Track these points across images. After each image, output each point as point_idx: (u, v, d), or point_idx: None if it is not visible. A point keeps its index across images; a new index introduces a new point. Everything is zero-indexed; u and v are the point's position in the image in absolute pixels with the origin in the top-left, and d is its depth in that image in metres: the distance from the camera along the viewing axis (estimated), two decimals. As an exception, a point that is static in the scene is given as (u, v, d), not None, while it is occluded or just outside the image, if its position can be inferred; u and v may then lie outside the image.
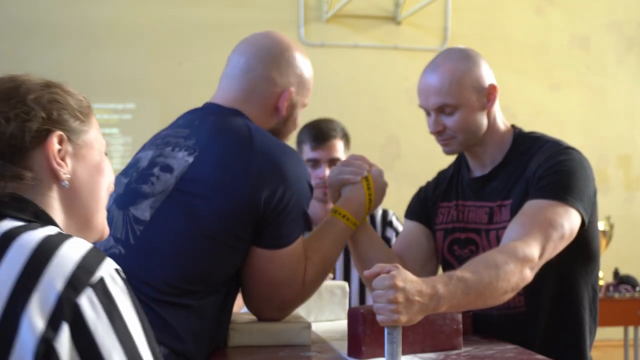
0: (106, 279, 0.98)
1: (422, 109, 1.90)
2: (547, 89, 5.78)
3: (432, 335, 1.61)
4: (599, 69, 5.86)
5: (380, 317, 1.41)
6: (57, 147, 1.09)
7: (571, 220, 1.71)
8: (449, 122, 1.85)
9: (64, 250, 0.98)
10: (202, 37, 5.38)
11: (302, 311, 1.98)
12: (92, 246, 1.02)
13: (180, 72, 5.33)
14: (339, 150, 2.69)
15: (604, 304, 3.84)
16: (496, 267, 1.56)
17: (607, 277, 4.11)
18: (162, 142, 1.73)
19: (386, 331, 1.41)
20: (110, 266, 1.00)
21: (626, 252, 5.29)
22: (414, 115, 5.84)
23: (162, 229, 1.58)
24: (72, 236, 1.02)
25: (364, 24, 5.56)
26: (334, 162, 2.65)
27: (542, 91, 5.76)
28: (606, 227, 4.00)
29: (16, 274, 0.95)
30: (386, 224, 2.81)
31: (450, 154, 1.92)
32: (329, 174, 1.91)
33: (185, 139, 1.69)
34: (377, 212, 2.78)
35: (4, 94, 1.09)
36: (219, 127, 1.68)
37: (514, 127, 1.94)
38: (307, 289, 1.75)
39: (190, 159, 1.63)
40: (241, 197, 1.58)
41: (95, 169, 1.16)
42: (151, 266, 1.57)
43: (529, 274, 1.62)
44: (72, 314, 0.94)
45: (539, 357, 1.57)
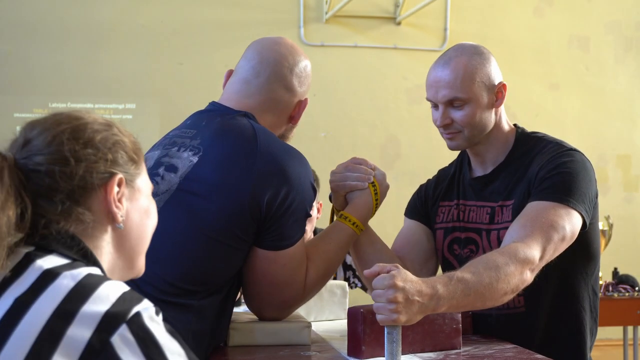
0: (143, 313, 0.97)
1: (429, 101, 1.89)
2: (546, 89, 5.79)
3: (431, 334, 1.61)
4: (598, 69, 5.87)
5: (379, 317, 1.41)
6: (116, 189, 1.10)
7: (572, 222, 1.71)
8: (457, 115, 1.84)
9: (99, 292, 0.97)
10: (202, 37, 5.39)
11: (302, 311, 1.98)
12: (129, 288, 1.01)
13: (180, 72, 5.34)
14: None
15: (603, 303, 3.83)
16: (496, 269, 1.56)
17: (606, 277, 4.12)
18: (169, 142, 1.74)
19: (386, 331, 1.41)
20: (147, 304, 0.99)
21: (625, 251, 5.30)
22: (414, 115, 5.85)
23: (164, 229, 1.58)
24: (108, 279, 1.02)
25: (363, 24, 5.57)
26: None
27: (541, 91, 5.77)
28: (605, 226, 4.00)
29: (49, 314, 0.94)
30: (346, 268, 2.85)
31: (454, 149, 1.92)
32: (332, 179, 1.89)
33: (191, 139, 1.69)
34: None
35: (73, 132, 1.08)
36: (224, 127, 1.69)
37: (517, 126, 1.95)
38: (308, 291, 1.75)
39: (194, 159, 1.64)
40: (243, 197, 1.59)
41: (145, 212, 1.17)
42: (153, 265, 1.57)
43: (529, 276, 1.62)
44: (104, 354, 0.92)
45: (539, 356, 1.58)
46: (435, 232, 1.98)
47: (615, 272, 4.14)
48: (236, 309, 1.86)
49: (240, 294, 1.88)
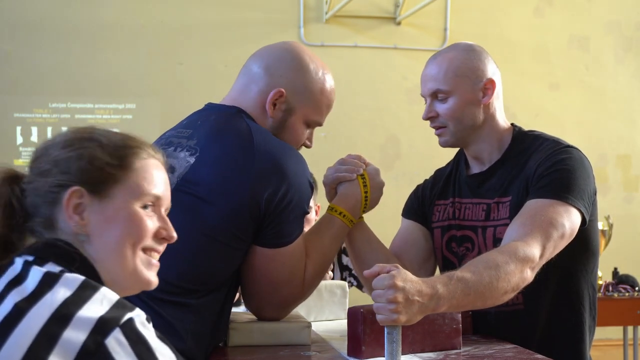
0: (135, 319, 1.00)
1: (422, 97, 1.92)
2: (546, 89, 5.79)
3: (431, 334, 1.61)
4: (598, 69, 5.87)
5: (379, 317, 1.41)
6: (76, 201, 1.12)
7: (572, 219, 1.72)
8: (441, 108, 1.86)
9: (94, 299, 1.00)
10: (202, 37, 5.39)
11: (302, 311, 1.98)
12: (120, 298, 1.03)
13: (180, 72, 5.34)
14: None
15: (603, 303, 3.84)
16: (496, 267, 1.56)
17: (606, 277, 4.12)
18: (166, 142, 1.74)
19: (386, 331, 1.41)
20: (139, 312, 1.02)
21: (625, 251, 5.30)
22: (414, 115, 5.85)
23: None
24: (102, 287, 1.04)
25: (363, 24, 5.57)
26: None
27: (541, 91, 5.77)
28: (605, 226, 4.00)
29: (46, 318, 0.96)
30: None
31: (444, 145, 1.93)
32: (325, 173, 1.91)
33: (187, 139, 1.69)
34: None
35: (44, 148, 1.16)
36: (219, 126, 1.69)
37: (514, 125, 1.95)
38: (307, 287, 1.75)
39: (191, 160, 1.64)
40: (242, 197, 1.59)
41: (116, 223, 1.16)
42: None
43: (530, 274, 1.63)
44: (98, 355, 0.95)
45: (539, 356, 1.58)
46: (433, 232, 1.98)
47: (615, 272, 4.14)
48: (235, 309, 1.86)
49: (239, 294, 1.88)
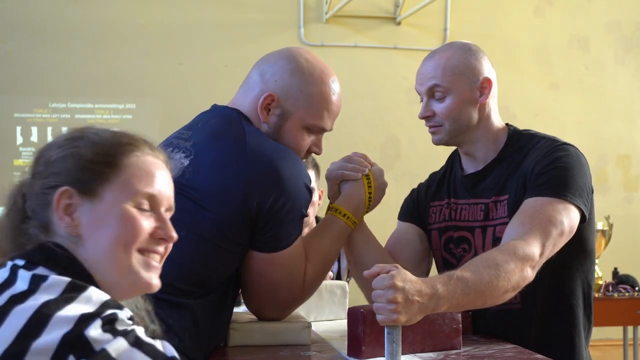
0: (119, 314, 0.98)
1: (418, 95, 1.92)
2: (546, 89, 5.79)
3: (431, 334, 1.61)
4: (598, 69, 5.87)
5: (379, 317, 1.41)
6: (66, 202, 1.11)
7: (570, 216, 1.72)
8: (438, 108, 1.85)
9: (76, 301, 0.98)
10: (202, 37, 5.39)
11: (302, 311, 1.98)
12: (110, 298, 1.01)
13: (180, 72, 5.34)
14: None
15: (603, 303, 3.84)
16: (496, 267, 1.56)
17: (606, 277, 4.12)
18: (167, 143, 1.74)
19: (386, 331, 1.42)
20: (126, 311, 1.00)
21: (625, 251, 5.30)
22: (414, 115, 5.83)
23: None
24: (89, 288, 1.02)
25: (363, 24, 5.57)
26: None
27: (541, 91, 5.77)
28: (605, 226, 4.00)
29: (24, 322, 0.95)
30: None
31: (437, 143, 1.92)
32: (329, 168, 1.90)
33: (185, 141, 1.69)
34: None
35: (41, 151, 1.17)
36: (217, 130, 1.68)
37: (509, 125, 1.95)
38: (307, 289, 1.75)
39: (185, 162, 1.63)
40: (234, 202, 1.58)
41: (108, 223, 1.15)
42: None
43: (530, 273, 1.63)
44: (78, 345, 0.93)
45: (539, 356, 1.58)
46: (430, 233, 1.98)
47: (615, 272, 4.14)
48: (236, 309, 1.86)
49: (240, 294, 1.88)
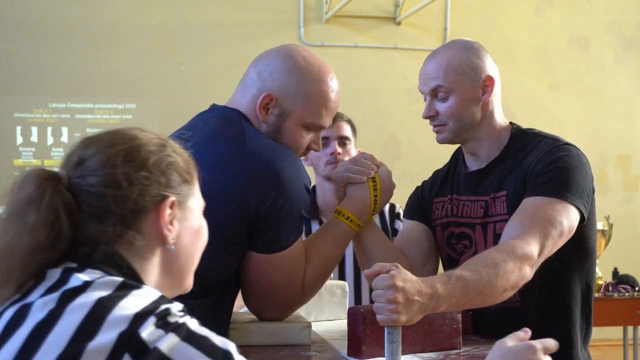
0: (172, 309, 0.96)
1: (421, 94, 1.92)
2: (546, 89, 5.79)
3: (431, 334, 1.61)
4: (598, 69, 5.87)
5: (380, 317, 1.41)
6: (168, 212, 1.08)
7: (570, 216, 1.72)
8: (441, 107, 1.85)
9: (128, 299, 0.96)
10: (202, 37, 5.39)
11: (302, 311, 1.98)
12: (162, 294, 1.00)
13: (180, 72, 5.34)
14: (347, 130, 2.81)
15: (603, 303, 3.84)
16: (495, 266, 1.56)
17: (606, 277, 4.12)
18: None
19: (386, 331, 1.42)
20: (179, 305, 0.98)
21: (625, 251, 5.30)
22: (414, 115, 5.85)
23: None
24: (142, 285, 1.01)
25: (363, 24, 5.57)
26: (342, 141, 2.79)
27: (541, 91, 5.77)
28: (605, 226, 4.00)
29: (79, 321, 0.93)
30: (394, 216, 2.86)
31: (442, 142, 1.92)
32: (336, 169, 1.89)
33: (185, 141, 1.69)
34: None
35: (127, 154, 1.06)
36: (215, 130, 1.67)
37: (512, 124, 1.95)
38: (307, 291, 1.74)
39: None
40: (232, 203, 1.57)
41: (195, 233, 1.15)
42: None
43: (529, 272, 1.63)
44: (133, 343, 0.91)
45: (538, 356, 1.58)
46: (435, 230, 1.98)
47: (615, 272, 4.14)
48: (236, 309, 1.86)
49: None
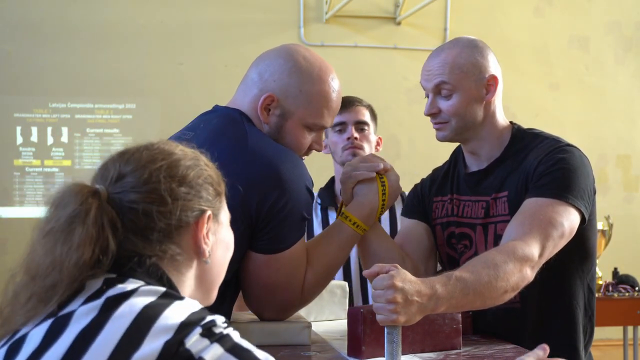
0: (217, 320, 0.97)
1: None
2: (546, 89, 5.79)
3: (431, 334, 1.61)
4: (598, 69, 5.87)
5: (379, 317, 1.41)
6: (206, 226, 1.09)
7: (571, 218, 1.72)
8: (444, 105, 1.85)
9: (172, 307, 0.97)
10: (202, 37, 5.39)
11: (302, 311, 1.98)
12: (203, 307, 1.01)
13: (180, 72, 5.34)
14: (365, 115, 2.72)
15: (603, 303, 3.84)
16: (495, 267, 1.56)
17: (606, 277, 4.12)
18: None
19: (386, 331, 1.42)
20: (222, 317, 0.99)
21: (625, 251, 5.30)
22: (414, 115, 5.85)
23: None
24: (184, 297, 1.02)
25: (363, 24, 5.57)
26: (360, 125, 2.71)
27: (541, 91, 5.77)
28: (605, 226, 4.00)
29: (125, 329, 0.94)
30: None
31: (442, 140, 1.92)
32: (343, 169, 1.88)
33: (187, 142, 1.69)
34: None
35: (169, 169, 1.08)
36: (218, 131, 1.68)
37: (513, 124, 1.95)
38: (307, 294, 1.73)
39: None
40: (233, 204, 1.57)
41: (226, 245, 1.17)
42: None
43: (530, 274, 1.63)
44: (179, 353, 0.92)
45: (538, 356, 1.58)
46: (434, 228, 1.98)
47: (615, 272, 4.14)
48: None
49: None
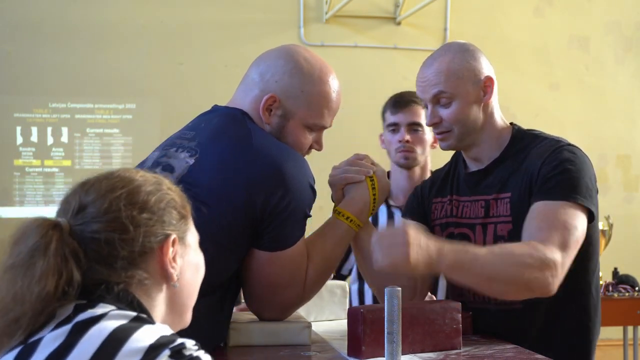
0: (187, 343, 0.97)
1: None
2: (546, 89, 5.78)
3: (431, 334, 1.61)
4: (598, 69, 5.87)
5: (385, 259, 1.43)
6: (171, 249, 1.10)
7: (583, 220, 1.73)
8: (445, 113, 1.85)
9: (142, 330, 0.97)
10: (202, 37, 5.38)
11: (302, 311, 1.98)
12: (172, 331, 1.01)
13: (180, 72, 5.33)
14: (420, 115, 2.68)
15: (603, 303, 3.81)
16: (512, 255, 1.57)
17: (606, 277, 4.12)
18: (169, 143, 1.74)
19: (386, 331, 1.42)
20: (192, 341, 0.99)
21: (625, 252, 5.29)
22: (414, 115, 5.85)
23: None
24: (155, 322, 1.02)
25: (363, 24, 5.57)
26: (413, 127, 2.69)
27: (541, 91, 5.76)
28: (605, 227, 4.00)
29: (93, 351, 0.94)
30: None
31: (447, 149, 1.92)
32: (330, 172, 1.89)
33: (189, 141, 1.69)
34: None
35: (129, 196, 1.08)
36: (220, 129, 1.68)
37: (513, 125, 1.95)
38: (308, 291, 1.74)
39: (191, 161, 1.64)
40: (237, 201, 1.58)
41: (195, 267, 1.17)
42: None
43: (550, 280, 1.62)
44: None
45: (539, 356, 1.58)
46: (433, 230, 1.98)
47: (615, 272, 4.13)
48: (236, 309, 1.86)
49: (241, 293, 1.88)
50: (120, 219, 1.05)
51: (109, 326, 0.96)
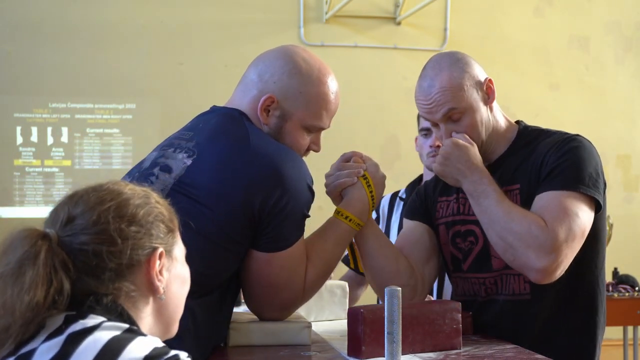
0: (180, 355, 0.98)
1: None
2: (546, 89, 5.78)
3: (431, 334, 1.61)
4: (598, 69, 5.87)
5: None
6: (158, 262, 1.11)
7: (590, 211, 1.75)
8: (461, 128, 1.85)
9: (135, 342, 0.98)
10: (202, 37, 5.39)
11: (302, 311, 1.98)
12: (163, 344, 1.02)
13: (180, 72, 5.33)
14: None
15: (603, 303, 3.84)
16: (520, 212, 1.70)
17: (607, 277, 4.11)
18: (167, 143, 1.74)
19: (386, 331, 1.42)
20: (185, 353, 1.00)
21: (625, 252, 5.29)
22: (414, 115, 5.84)
23: None
24: (147, 334, 1.03)
25: (363, 24, 5.57)
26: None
27: (541, 91, 5.76)
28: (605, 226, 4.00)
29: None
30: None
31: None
32: (325, 182, 1.90)
33: (187, 141, 1.69)
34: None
35: (117, 209, 1.09)
36: (218, 130, 1.68)
37: (519, 122, 1.96)
38: (308, 291, 1.74)
39: (188, 161, 1.63)
40: (235, 202, 1.58)
41: (182, 280, 1.18)
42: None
43: (546, 255, 1.67)
44: None
45: (539, 356, 1.58)
46: (438, 228, 1.98)
47: (615, 272, 4.14)
48: (236, 309, 1.86)
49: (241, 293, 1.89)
50: (108, 231, 1.06)
51: (103, 337, 0.97)
